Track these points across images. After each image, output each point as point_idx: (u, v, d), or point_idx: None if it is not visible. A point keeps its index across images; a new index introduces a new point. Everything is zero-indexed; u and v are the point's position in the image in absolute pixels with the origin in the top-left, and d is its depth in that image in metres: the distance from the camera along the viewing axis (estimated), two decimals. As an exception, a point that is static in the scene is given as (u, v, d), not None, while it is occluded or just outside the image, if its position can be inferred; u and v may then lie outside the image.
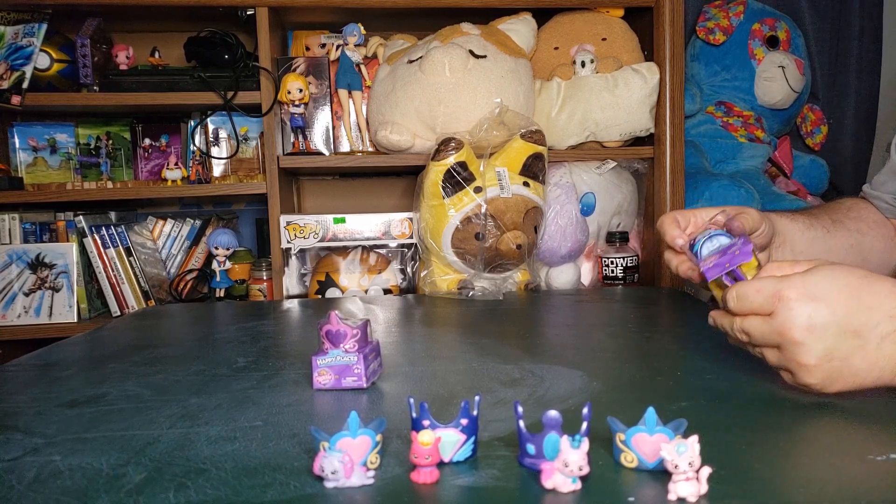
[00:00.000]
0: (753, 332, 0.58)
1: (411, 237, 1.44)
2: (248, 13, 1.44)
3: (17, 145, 1.65)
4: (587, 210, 1.49)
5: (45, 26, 1.44)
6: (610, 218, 1.53)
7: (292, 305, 1.17)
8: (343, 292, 1.42)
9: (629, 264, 1.45)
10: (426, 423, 0.46)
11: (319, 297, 1.42)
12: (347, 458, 0.42)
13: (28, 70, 1.41)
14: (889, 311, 0.55)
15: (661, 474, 0.41)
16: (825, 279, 0.56)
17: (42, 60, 1.44)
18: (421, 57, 1.37)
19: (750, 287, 0.58)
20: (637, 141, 1.54)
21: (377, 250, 1.49)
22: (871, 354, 0.54)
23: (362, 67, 1.55)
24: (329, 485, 0.42)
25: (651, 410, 0.43)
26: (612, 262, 1.46)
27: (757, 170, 1.78)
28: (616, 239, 1.47)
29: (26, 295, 1.49)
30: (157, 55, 1.56)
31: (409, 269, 1.51)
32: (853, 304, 0.55)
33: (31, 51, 1.42)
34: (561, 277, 1.48)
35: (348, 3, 1.44)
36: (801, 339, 0.55)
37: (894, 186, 0.90)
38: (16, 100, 1.40)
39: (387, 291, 1.44)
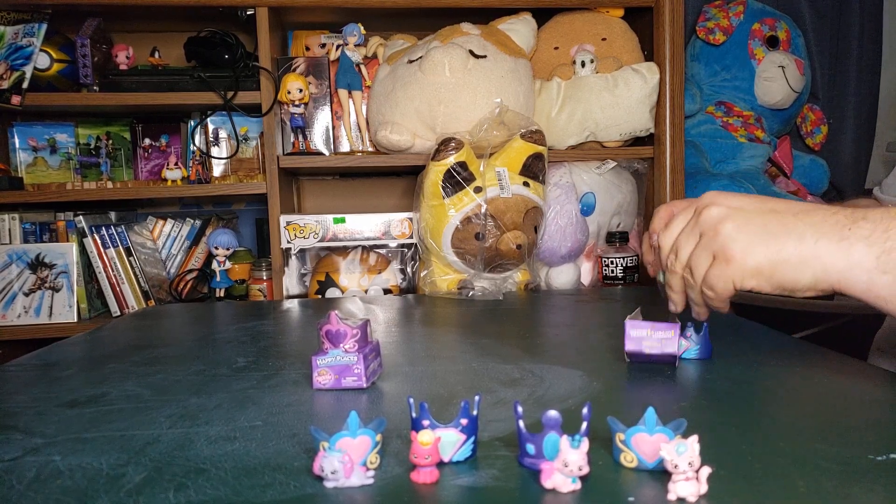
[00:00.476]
0: (681, 240, 0.61)
1: (411, 237, 1.44)
2: (248, 13, 1.44)
3: (17, 145, 1.65)
4: (587, 210, 1.50)
5: (45, 26, 1.44)
6: (610, 218, 1.53)
7: (292, 305, 1.17)
8: (343, 292, 1.42)
9: (629, 264, 1.45)
10: (426, 422, 0.46)
11: (319, 297, 1.42)
12: (347, 458, 0.42)
13: (28, 70, 1.41)
14: (799, 205, 0.59)
15: (661, 474, 0.41)
16: (735, 192, 0.63)
17: (42, 60, 1.44)
18: (421, 57, 1.38)
19: (664, 207, 0.66)
20: (637, 141, 1.54)
21: (377, 250, 1.49)
22: (788, 221, 0.56)
23: (362, 67, 1.55)
24: (329, 485, 0.42)
25: (651, 410, 0.43)
26: (612, 262, 1.46)
27: (757, 170, 1.78)
28: (616, 239, 1.47)
29: (26, 295, 1.49)
30: (157, 55, 1.56)
31: (409, 269, 1.51)
32: (766, 197, 0.60)
33: (31, 51, 1.42)
34: (561, 277, 1.48)
35: (348, 3, 1.44)
36: (717, 212, 0.58)
37: None
38: (16, 100, 1.40)
39: (387, 291, 1.44)
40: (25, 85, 1.41)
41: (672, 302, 0.68)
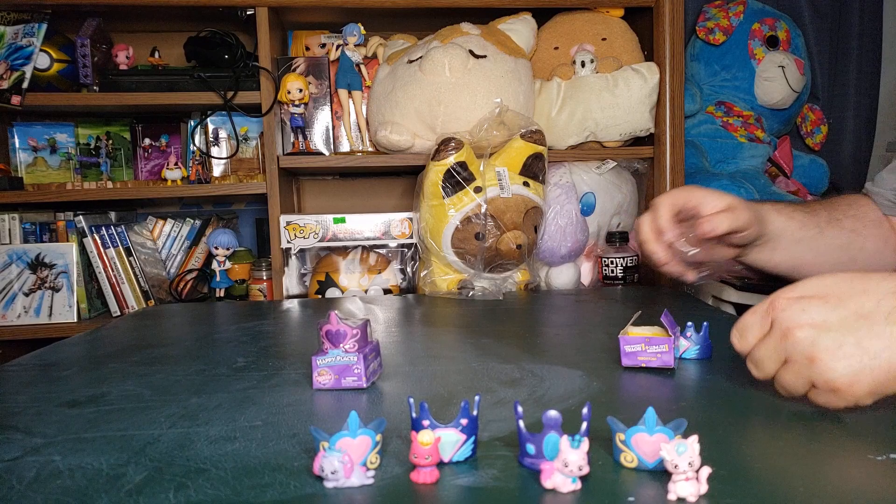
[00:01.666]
0: (762, 356, 0.55)
1: (411, 237, 1.44)
2: (248, 13, 1.44)
3: (17, 145, 1.65)
4: (587, 210, 1.50)
5: (45, 26, 1.44)
6: (610, 218, 1.53)
7: (292, 305, 1.17)
8: (343, 292, 1.42)
9: (629, 264, 1.45)
10: (426, 422, 0.46)
11: (319, 297, 1.42)
12: (347, 458, 0.42)
13: (28, 70, 1.41)
14: (887, 289, 0.52)
15: (661, 474, 0.41)
16: (812, 281, 0.55)
17: (42, 60, 1.44)
18: (421, 57, 1.37)
19: (744, 317, 0.56)
20: (637, 141, 1.54)
21: (377, 250, 1.49)
22: (882, 331, 0.50)
23: (362, 67, 1.55)
24: (329, 485, 0.42)
25: (651, 410, 0.43)
26: (612, 262, 1.46)
27: (757, 170, 1.78)
28: (616, 239, 1.47)
29: (26, 295, 1.49)
30: (157, 55, 1.56)
31: (409, 269, 1.51)
32: (846, 291, 0.53)
33: (31, 51, 1.42)
34: (561, 277, 1.48)
35: (348, 3, 1.44)
36: (803, 335, 0.51)
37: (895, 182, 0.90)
38: (16, 100, 1.40)
39: (387, 291, 1.44)
40: (25, 85, 1.41)
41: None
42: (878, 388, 0.50)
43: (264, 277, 1.56)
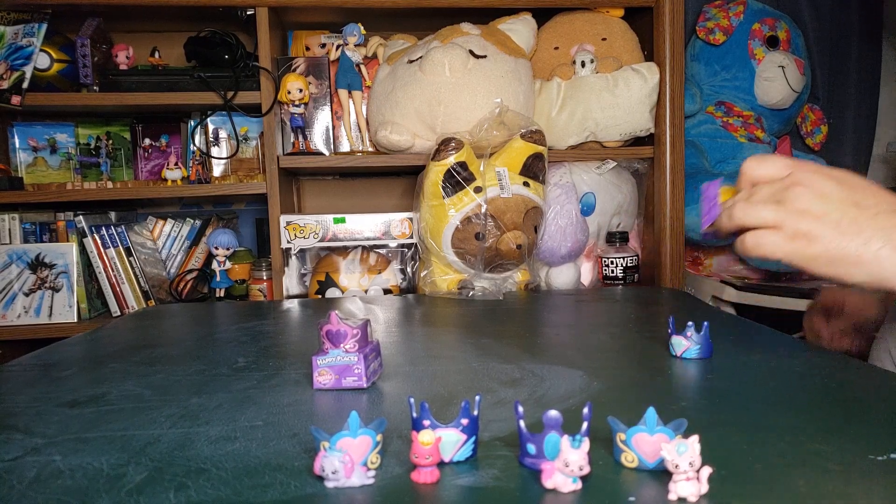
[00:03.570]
0: (761, 191, 0.61)
1: (411, 237, 1.44)
2: (248, 13, 1.44)
3: (17, 145, 1.65)
4: (587, 210, 1.50)
5: (45, 26, 1.44)
6: (610, 218, 1.53)
7: (292, 305, 1.17)
8: (343, 292, 1.42)
9: (629, 264, 1.46)
10: (426, 422, 0.46)
11: (319, 297, 1.42)
12: (348, 458, 0.42)
13: (28, 70, 1.41)
14: (885, 203, 0.58)
15: (662, 474, 0.41)
16: (839, 169, 0.61)
17: (42, 60, 1.44)
18: (421, 57, 1.38)
19: (773, 156, 0.63)
20: (637, 141, 1.54)
21: (377, 250, 1.49)
22: (862, 221, 0.57)
23: (362, 67, 1.55)
24: (329, 485, 0.42)
25: (651, 410, 0.43)
26: (612, 262, 1.46)
27: (757, 170, 1.78)
28: (616, 239, 1.47)
29: (26, 295, 1.49)
30: (157, 55, 1.56)
31: (409, 269, 1.51)
32: (860, 187, 0.59)
33: (31, 51, 1.42)
34: (561, 277, 1.48)
35: (348, 3, 1.44)
36: (805, 191, 0.58)
37: None
38: (16, 100, 1.40)
39: (387, 291, 1.44)
40: (25, 85, 1.41)
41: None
42: (825, 258, 0.58)
43: (264, 277, 1.56)
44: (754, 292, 1.56)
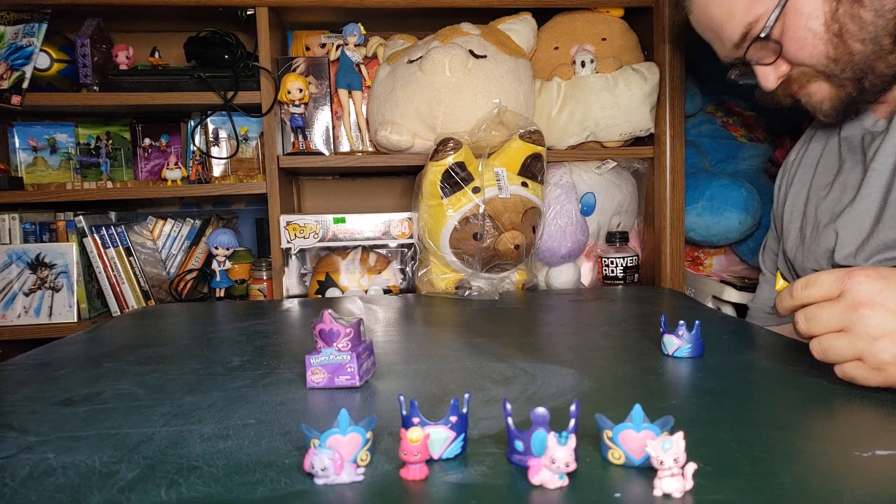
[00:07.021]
0: (820, 316, 0.57)
1: (411, 237, 1.44)
2: (248, 13, 1.44)
3: (17, 145, 1.66)
4: (587, 210, 1.50)
5: (45, 26, 1.45)
6: (610, 218, 1.53)
7: (290, 305, 1.18)
8: (343, 292, 1.42)
9: (629, 264, 1.46)
10: (416, 420, 0.46)
11: (319, 297, 1.42)
12: (337, 455, 0.42)
13: (28, 70, 1.42)
14: None
15: (648, 471, 0.41)
16: (886, 268, 0.57)
17: (42, 60, 1.45)
18: (421, 57, 1.38)
19: (818, 273, 0.59)
20: (637, 141, 1.54)
21: (377, 250, 1.49)
22: None
23: (362, 67, 1.55)
24: (319, 481, 0.43)
25: (637, 407, 0.43)
26: (612, 262, 1.46)
27: (757, 170, 1.78)
28: (616, 239, 1.47)
29: (26, 295, 1.50)
30: (157, 55, 1.56)
31: (408, 269, 1.51)
32: None
33: (31, 51, 1.43)
34: (561, 277, 1.48)
35: (348, 3, 1.45)
36: (874, 314, 0.54)
37: None
38: (16, 100, 1.40)
39: (387, 291, 1.44)
40: (25, 85, 1.41)
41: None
42: None
43: (264, 277, 1.56)
44: (754, 292, 1.56)
